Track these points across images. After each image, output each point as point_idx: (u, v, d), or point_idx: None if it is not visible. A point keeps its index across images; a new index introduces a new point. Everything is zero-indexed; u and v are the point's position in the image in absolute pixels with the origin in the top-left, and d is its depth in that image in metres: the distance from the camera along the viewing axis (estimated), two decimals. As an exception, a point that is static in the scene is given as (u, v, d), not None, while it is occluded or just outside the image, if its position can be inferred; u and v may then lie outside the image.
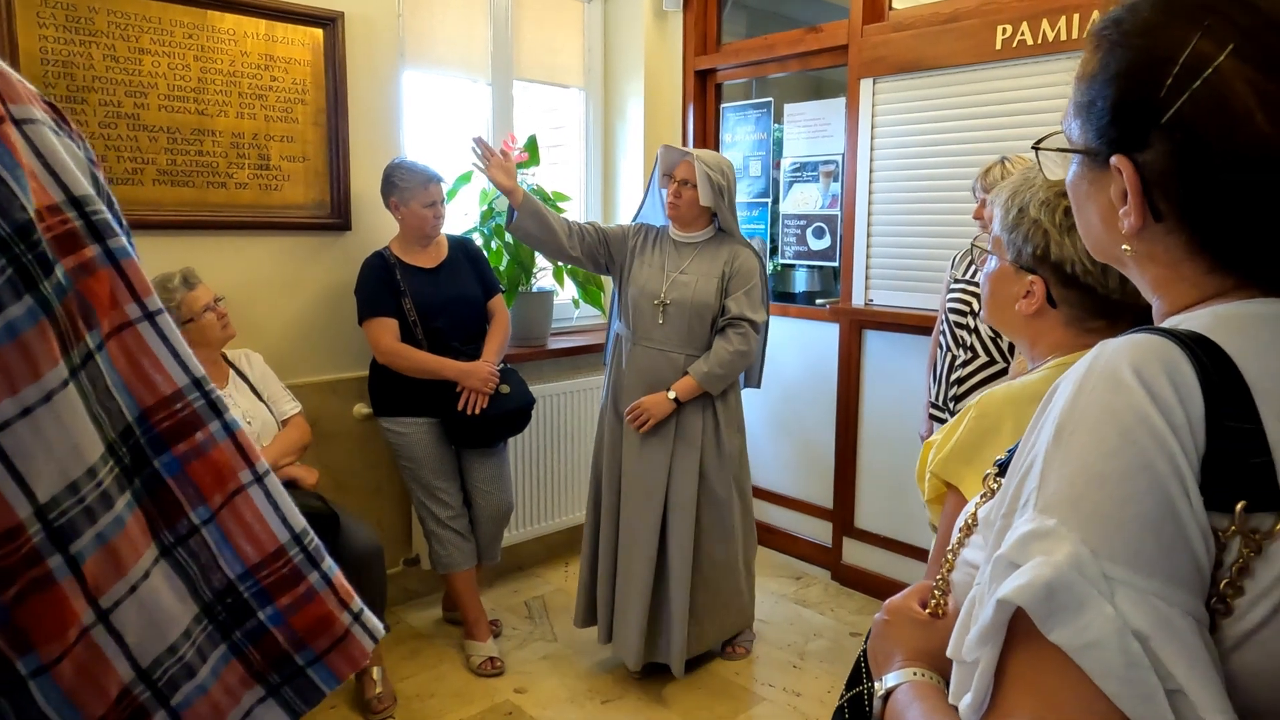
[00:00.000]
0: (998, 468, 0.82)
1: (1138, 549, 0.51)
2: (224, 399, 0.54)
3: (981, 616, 0.56)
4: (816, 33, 3.32)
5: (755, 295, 2.58)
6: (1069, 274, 0.99)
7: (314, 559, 0.55)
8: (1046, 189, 1.00)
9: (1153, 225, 0.61)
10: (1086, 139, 0.65)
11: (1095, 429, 0.54)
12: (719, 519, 2.62)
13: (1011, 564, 0.54)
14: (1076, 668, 0.50)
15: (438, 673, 2.69)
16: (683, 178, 2.55)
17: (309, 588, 0.54)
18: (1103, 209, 0.65)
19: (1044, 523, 0.53)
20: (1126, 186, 0.61)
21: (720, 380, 2.55)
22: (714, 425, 2.61)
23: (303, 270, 2.79)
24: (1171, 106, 0.57)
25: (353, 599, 0.57)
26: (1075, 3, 2.55)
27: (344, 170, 2.79)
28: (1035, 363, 1.08)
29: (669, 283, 2.57)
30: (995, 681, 0.55)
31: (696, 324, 2.56)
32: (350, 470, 2.93)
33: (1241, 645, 0.53)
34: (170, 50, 2.45)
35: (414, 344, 2.61)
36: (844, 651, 2.86)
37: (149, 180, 2.45)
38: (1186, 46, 0.57)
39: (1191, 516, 0.52)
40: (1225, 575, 0.52)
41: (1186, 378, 0.54)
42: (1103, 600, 0.50)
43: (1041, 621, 0.51)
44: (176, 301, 2.26)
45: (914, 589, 0.87)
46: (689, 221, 2.62)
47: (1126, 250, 0.64)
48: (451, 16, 3.23)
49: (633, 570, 2.58)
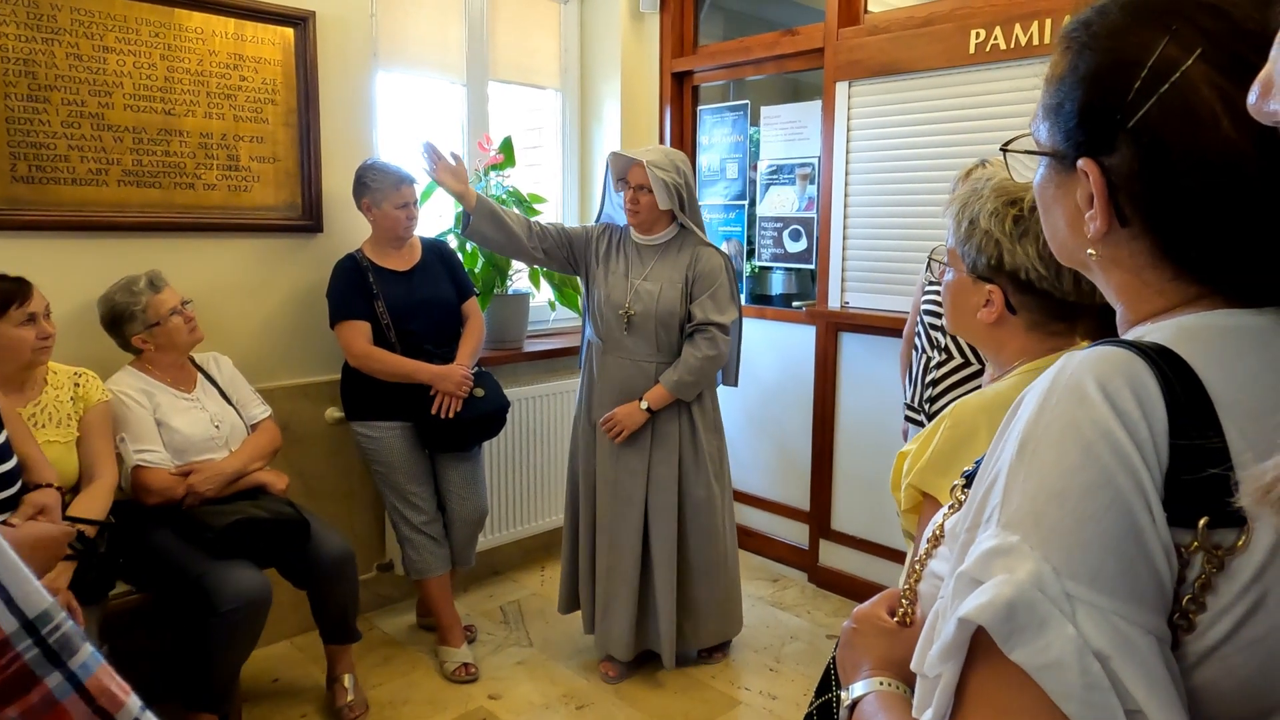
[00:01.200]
0: (964, 479, 0.82)
1: (1099, 567, 0.50)
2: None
3: (943, 633, 0.55)
4: (793, 36, 3.33)
5: (721, 296, 2.55)
6: (1024, 281, 1.01)
7: (56, 654, 0.42)
8: (994, 199, 1.01)
9: (1118, 230, 0.61)
10: (1054, 141, 0.64)
11: (1058, 444, 0.53)
12: (701, 520, 2.63)
13: (974, 580, 0.53)
14: (1037, 687, 0.49)
15: (410, 680, 2.66)
16: (638, 183, 2.52)
17: (45, 695, 0.41)
18: (1069, 212, 0.65)
19: (1006, 539, 0.52)
20: (1093, 190, 0.61)
21: (692, 387, 2.55)
22: (690, 428, 2.61)
23: (273, 273, 2.75)
24: (1138, 110, 0.57)
25: (121, 706, 0.44)
26: (1047, 7, 2.57)
27: (315, 171, 2.76)
28: (1003, 369, 1.08)
29: (632, 292, 2.56)
30: (956, 698, 0.55)
31: (663, 332, 2.55)
32: (322, 475, 2.89)
33: (1204, 661, 0.52)
34: (136, 49, 2.41)
35: (387, 347, 2.58)
36: (821, 654, 2.86)
37: (114, 181, 2.41)
38: (1154, 51, 0.56)
39: (1154, 533, 0.51)
40: (1188, 591, 0.52)
41: (1150, 391, 0.53)
42: (1064, 620, 0.49)
43: (1002, 641, 0.50)
44: (143, 305, 2.22)
45: (882, 597, 0.87)
46: (649, 225, 2.60)
47: (1092, 255, 0.64)
48: (426, 17, 3.20)
49: (619, 569, 2.60)
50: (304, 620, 2.60)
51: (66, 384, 2.09)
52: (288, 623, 2.79)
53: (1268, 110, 0.45)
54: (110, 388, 2.18)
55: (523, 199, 3.23)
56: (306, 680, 2.63)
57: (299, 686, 2.61)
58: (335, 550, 2.32)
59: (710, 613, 2.70)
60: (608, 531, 2.62)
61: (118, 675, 0.44)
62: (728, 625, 2.77)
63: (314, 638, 2.55)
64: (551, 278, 3.33)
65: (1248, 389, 0.54)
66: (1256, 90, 0.46)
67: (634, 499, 2.59)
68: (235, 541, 2.13)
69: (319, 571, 2.30)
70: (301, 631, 2.82)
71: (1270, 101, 0.45)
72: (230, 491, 2.27)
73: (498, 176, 3.18)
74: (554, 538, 3.56)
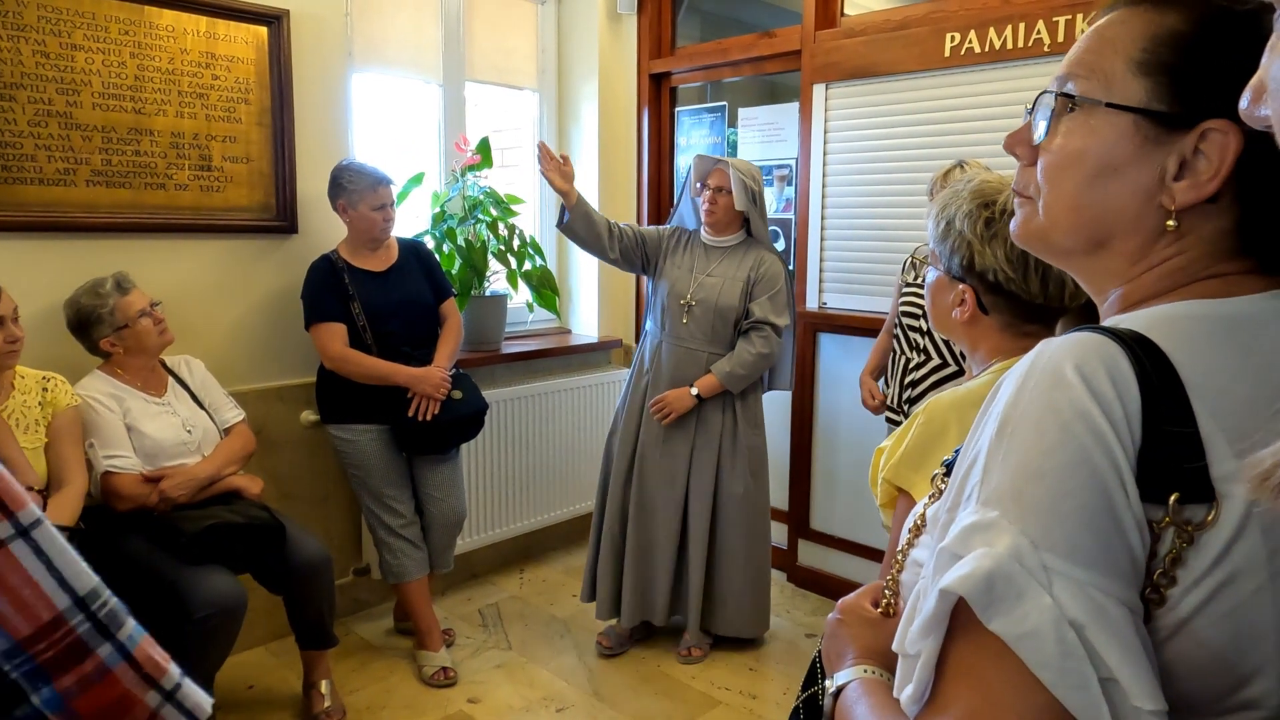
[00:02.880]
0: (945, 468, 0.83)
1: (1075, 541, 0.52)
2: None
3: (924, 607, 0.56)
4: (770, 38, 3.34)
5: (779, 300, 2.70)
6: (992, 282, 1.03)
7: (106, 627, 0.46)
8: (970, 201, 1.03)
9: (1205, 203, 0.60)
10: (1159, 99, 0.60)
11: (1037, 424, 0.55)
12: (735, 512, 2.74)
13: (954, 555, 0.55)
14: (1015, 657, 0.51)
15: (388, 685, 2.63)
16: (717, 184, 2.68)
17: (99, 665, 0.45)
18: (1145, 178, 0.61)
19: (986, 515, 0.54)
20: (1214, 155, 0.58)
21: (741, 380, 2.67)
22: (733, 423, 2.74)
23: (247, 274, 2.71)
24: None
25: (164, 673, 0.48)
26: (1022, 12, 2.60)
27: (290, 172, 2.72)
28: (979, 368, 1.10)
29: (695, 284, 2.72)
30: (936, 672, 0.56)
31: (719, 324, 2.69)
32: (297, 479, 2.85)
33: (1175, 634, 0.54)
34: (105, 46, 2.37)
35: (363, 349, 2.55)
36: (800, 653, 2.87)
37: (82, 181, 2.36)
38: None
39: (1128, 509, 0.53)
40: (1159, 566, 0.53)
41: (1125, 374, 0.55)
42: (1041, 590, 0.51)
43: (982, 611, 0.52)
44: (110, 307, 2.18)
45: (866, 589, 0.89)
46: (723, 226, 2.75)
47: (1171, 225, 0.61)
48: (402, 16, 3.18)
49: (657, 541, 2.75)
50: (279, 626, 2.57)
51: (34, 388, 2.05)
52: (263, 628, 2.75)
53: (1259, 115, 0.46)
54: (79, 392, 2.14)
55: (500, 199, 3.21)
56: (282, 687, 2.60)
57: (275, 693, 2.57)
58: (311, 554, 2.29)
59: (734, 604, 2.77)
60: (647, 509, 2.75)
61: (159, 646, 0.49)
62: (752, 621, 2.83)
63: (290, 643, 2.52)
64: (529, 279, 3.32)
65: (1219, 373, 0.56)
66: (1248, 96, 0.47)
67: (676, 480, 2.73)
68: (209, 547, 2.10)
69: (295, 576, 2.27)
70: (277, 637, 2.79)
71: (1262, 106, 0.45)
72: (203, 497, 2.24)
73: (475, 177, 3.16)
74: (533, 541, 3.55)
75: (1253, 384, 0.56)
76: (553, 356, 3.52)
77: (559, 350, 3.53)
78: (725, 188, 2.67)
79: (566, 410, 3.51)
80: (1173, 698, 0.53)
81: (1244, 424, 0.54)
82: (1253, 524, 0.52)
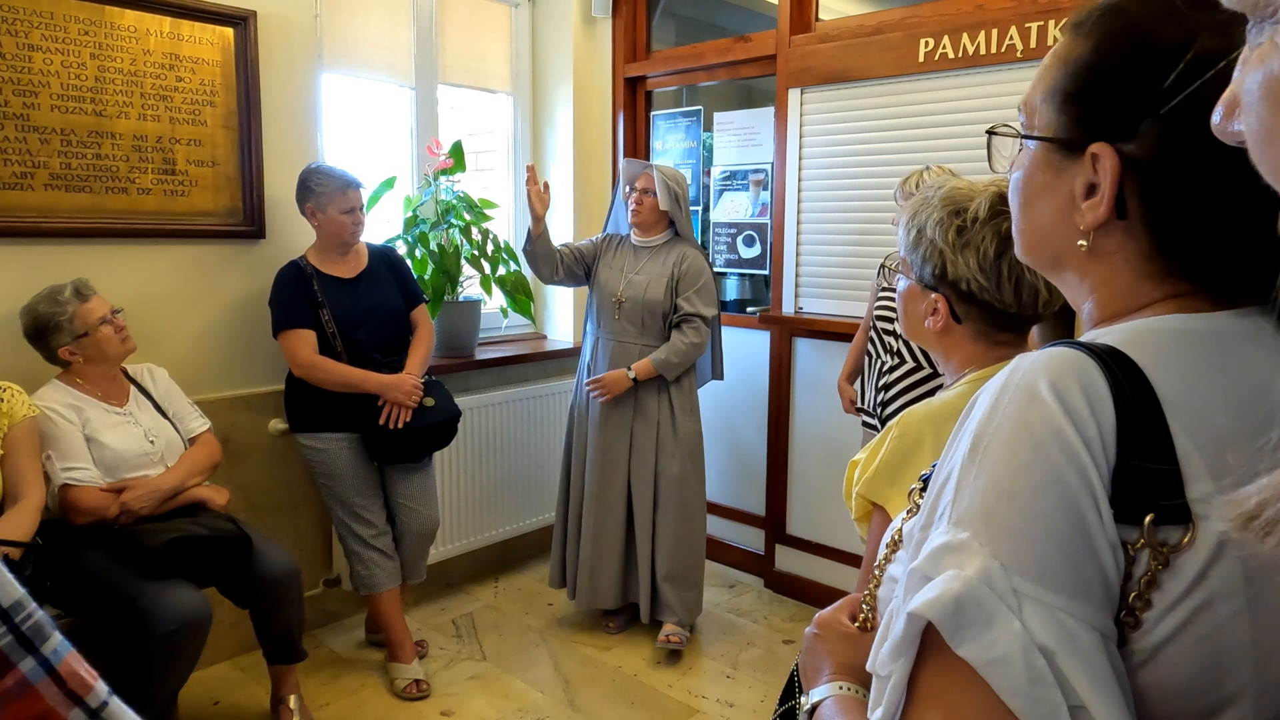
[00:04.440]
0: (922, 482, 0.82)
1: (1046, 564, 0.50)
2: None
3: (894, 629, 0.55)
4: (745, 42, 3.33)
5: (705, 293, 2.84)
6: (965, 291, 1.01)
7: (29, 640, 0.44)
8: (941, 209, 1.02)
9: (1113, 222, 0.61)
10: (1059, 126, 0.63)
11: (1009, 443, 0.54)
12: (675, 495, 2.87)
13: (925, 577, 0.54)
14: (984, 683, 0.49)
15: (359, 698, 2.58)
16: (643, 187, 2.85)
17: (20, 679, 0.43)
18: (1061, 202, 0.63)
19: (957, 536, 0.53)
20: (1101, 176, 0.60)
21: (675, 367, 2.82)
22: (669, 407, 2.88)
23: (213, 280, 2.65)
24: (1174, 97, 0.56)
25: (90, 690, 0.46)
26: (995, 18, 2.61)
27: (257, 176, 2.67)
28: (953, 377, 1.09)
29: (625, 282, 2.88)
30: (907, 695, 0.55)
31: (649, 318, 2.84)
32: (265, 489, 2.80)
33: (1151, 658, 0.53)
34: (64, 47, 2.31)
35: (333, 357, 2.51)
36: (778, 660, 2.86)
37: (40, 185, 2.30)
38: (1198, 39, 0.56)
39: (1101, 531, 0.51)
40: (1135, 588, 0.52)
41: (1100, 391, 0.54)
42: (1011, 615, 0.49)
43: (950, 636, 0.51)
44: (69, 315, 2.12)
45: (843, 603, 0.88)
46: (649, 226, 2.90)
47: (1083, 246, 0.62)
48: (373, 18, 3.13)
49: (607, 530, 2.90)
50: (246, 640, 2.52)
51: (-12, 399, 1.98)
52: (229, 642, 2.69)
53: (1232, 130, 0.45)
54: (37, 403, 2.07)
55: (473, 204, 3.17)
56: (250, 702, 2.54)
57: (242, 709, 2.51)
58: (279, 567, 2.24)
59: (667, 584, 2.88)
60: (596, 497, 2.90)
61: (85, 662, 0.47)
62: (680, 605, 2.90)
63: (257, 658, 2.47)
64: (504, 284, 3.28)
65: (1194, 390, 0.55)
66: (1221, 110, 0.46)
67: (619, 464, 2.88)
68: (172, 560, 2.04)
69: (262, 589, 2.22)
70: (244, 651, 2.73)
71: (1234, 122, 0.44)
72: (167, 509, 2.18)
73: (448, 181, 3.13)
74: (508, 550, 3.51)
75: (1228, 403, 0.55)
76: (528, 362, 3.49)
77: (534, 356, 3.50)
78: (651, 189, 2.83)
79: (542, 417, 3.48)
80: None
81: (1220, 443, 0.53)
82: (1230, 547, 0.51)
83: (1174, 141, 0.57)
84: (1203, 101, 0.55)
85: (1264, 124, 0.42)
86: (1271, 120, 0.41)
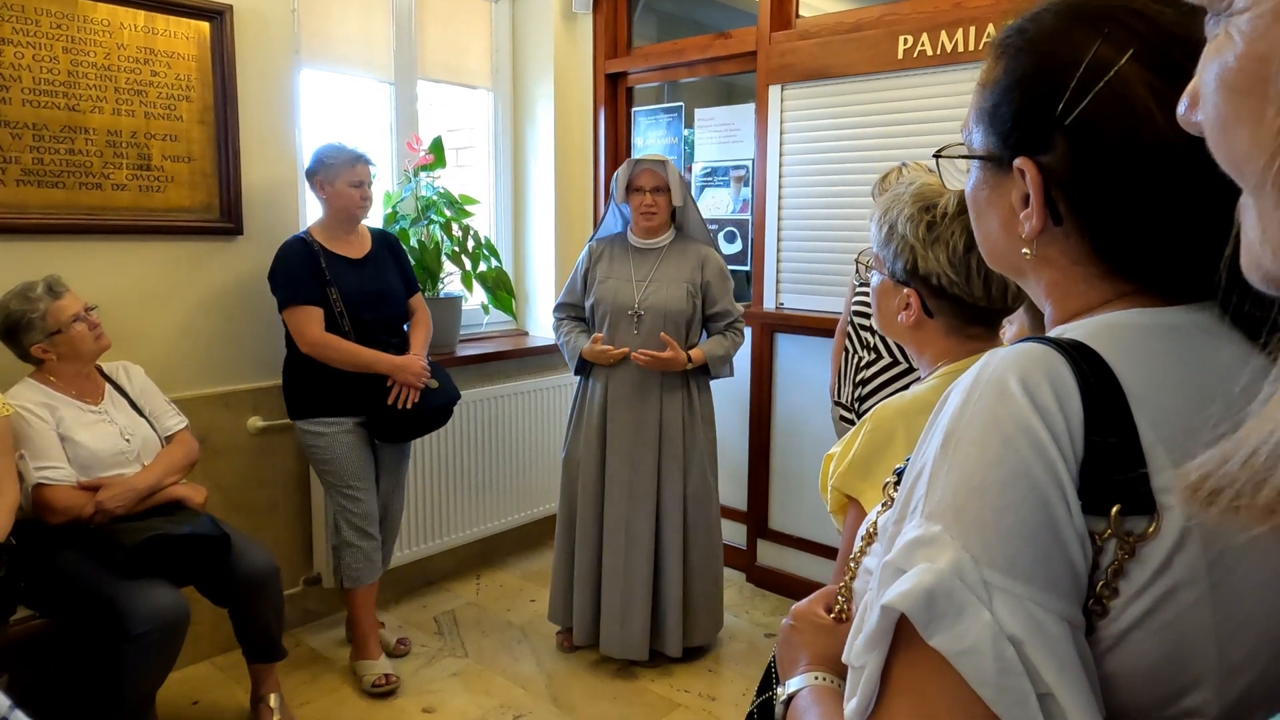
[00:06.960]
0: (896, 476, 0.83)
1: (1015, 556, 0.52)
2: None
3: (869, 621, 0.57)
4: (726, 39, 3.33)
5: (733, 292, 2.76)
6: (936, 286, 1.02)
7: None
8: (912, 205, 1.03)
9: (1051, 229, 0.63)
10: (989, 145, 0.66)
11: (980, 438, 0.55)
12: (700, 511, 2.73)
13: (898, 570, 0.55)
14: (955, 673, 0.51)
15: (340, 696, 2.57)
16: (654, 185, 2.63)
17: None
18: (1003, 215, 0.66)
19: (929, 529, 0.54)
20: (1029, 188, 0.62)
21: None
22: (691, 420, 2.72)
23: (189, 277, 2.63)
24: (1075, 108, 0.59)
25: None
26: (972, 15, 2.63)
27: (234, 171, 2.65)
28: (926, 371, 1.10)
29: (641, 292, 2.66)
30: (880, 686, 0.56)
31: (672, 330, 2.65)
32: (244, 487, 2.78)
33: (1117, 645, 0.54)
34: (35, 40, 2.28)
35: (340, 336, 2.51)
36: (759, 654, 2.87)
37: (12, 181, 2.27)
38: (1089, 51, 0.59)
39: (1069, 523, 0.53)
40: (1102, 578, 0.53)
41: (1067, 385, 0.55)
42: (981, 607, 0.51)
43: (922, 627, 0.52)
44: (41, 312, 2.09)
45: (819, 594, 0.89)
46: (660, 228, 2.71)
47: (1026, 254, 0.65)
48: (351, 13, 3.11)
49: (636, 570, 2.67)
50: (225, 639, 2.50)
51: (-41, 397, 1.96)
52: (207, 642, 2.67)
53: (1195, 121, 0.46)
54: (9, 401, 2.05)
55: (454, 200, 3.16)
56: (229, 702, 2.52)
57: (221, 708, 2.50)
58: (258, 565, 2.23)
59: (699, 607, 2.75)
60: (622, 533, 2.67)
61: None
62: (712, 624, 2.82)
63: (236, 657, 2.45)
64: (485, 280, 3.27)
65: (1159, 383, 0.56)
66: (1185, 101, 0.48)
67: (647, 495, 2.67)
68: (149, 560, 2.02)
69: (241, 588, 2.21)
70: (223, 651, 2.71)
71: (1198, 112, 0.45)
72: (143, 508, 2.16)
73: (428, 177, 3.11)
74: (489, 547, 3.51)
75: (1189, 395, 0.56)
76: (509, 359, 3.48)
77: (516, 352, 3.49)
78: (663, 187, 2.64)
79: (524, 413, 3.47)
80: (1114, 707, 0.53)
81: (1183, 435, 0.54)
82: (1193, 535, 0.53)
83: (1084, 150, 0.60)
84: (1105, 111, 0.59)
85: (1219, 113, 0.43)
86: (1226, 109, 0.42)
